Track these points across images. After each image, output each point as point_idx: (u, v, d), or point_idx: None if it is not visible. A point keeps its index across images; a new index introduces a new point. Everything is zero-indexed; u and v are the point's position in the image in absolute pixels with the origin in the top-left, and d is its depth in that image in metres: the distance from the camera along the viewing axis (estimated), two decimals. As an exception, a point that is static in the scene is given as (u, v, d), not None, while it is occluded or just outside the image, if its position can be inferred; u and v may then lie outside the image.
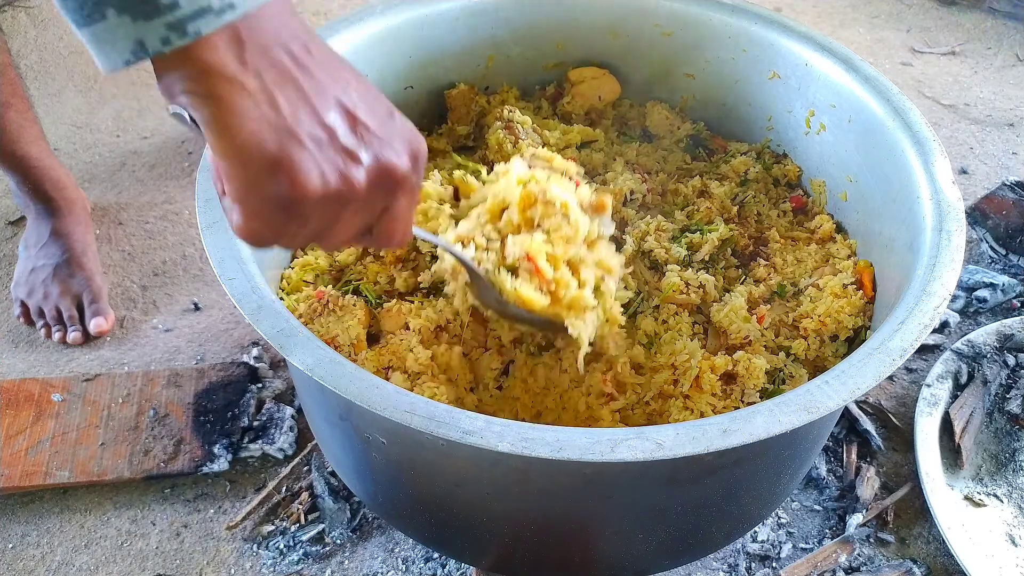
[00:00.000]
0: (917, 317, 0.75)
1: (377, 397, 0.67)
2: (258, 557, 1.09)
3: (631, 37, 1.16)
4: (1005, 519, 1.13)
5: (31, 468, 1.15)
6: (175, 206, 1.61)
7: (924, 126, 0.92)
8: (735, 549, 1.10)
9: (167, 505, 1.15)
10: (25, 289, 1.40)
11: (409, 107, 1.14)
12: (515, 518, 0.84)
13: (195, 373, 1.27)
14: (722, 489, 0.82)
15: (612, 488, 0.78)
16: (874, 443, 1.22)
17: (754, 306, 0.94)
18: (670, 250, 0.98)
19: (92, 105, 1.84)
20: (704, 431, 0.66)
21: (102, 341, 1.37)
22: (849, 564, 1.09)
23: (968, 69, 2.00)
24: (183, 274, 1.48)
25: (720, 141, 1.17)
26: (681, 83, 1.18)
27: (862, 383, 0.70)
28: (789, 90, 1.08)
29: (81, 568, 1.09)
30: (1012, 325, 1.31)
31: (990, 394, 1.24)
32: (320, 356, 0.70)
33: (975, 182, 1.67)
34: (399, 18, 1.07)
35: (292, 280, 0.95)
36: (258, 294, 0.75)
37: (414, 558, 1.09)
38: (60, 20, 2.04)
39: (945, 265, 0.79)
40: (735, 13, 1.09)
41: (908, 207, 0.88)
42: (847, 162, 1.02)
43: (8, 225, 1.57)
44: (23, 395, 1.23)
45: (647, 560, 0.91)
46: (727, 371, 0.87)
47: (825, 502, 1.16)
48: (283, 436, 1.19)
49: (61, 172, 1.47)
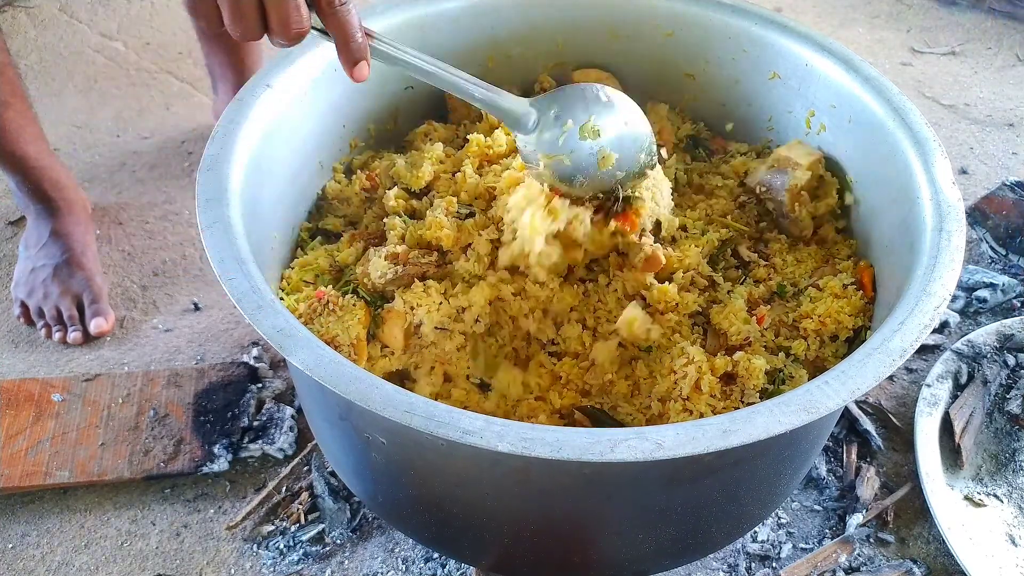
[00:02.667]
0: (917, 317, 0.75)
1: (377, 397, 0.67)
2: (258, 557, 1.09)
3: (631, 37, 1.16)
4: (1005, 519, 1.13)
5: (31, 468, 1.15)
6: (175, 206, 1.61)
7: (924, 126, 0.92)
8: (735, 549, 1.10)
9: (167, 505, 1.15)
10: (25, 289, 1.40)
11: (409, 107, 1.14)
12: (515, 518, 0.84)
13: (195, 373, 1.27)
14: (722, 489, 0.82)
15: (612, 488, 0.78)
16: (874, 443, 1.22)
17: (754, 306, 0.94)
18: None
19: (92, 105, 1.84)
20: (704, 431, 0.66)
21: (102, 341, 1.37)
22: (849, 564, 1.09)
23: (968, 69, 2.00)
24: (183, 274, 1.48)
25: (720, 141, 1.17)
26: (681, 83, 1.18)
27: (862, 383, 0.70)
28: (789, 90, 1.08)
29: (81, 568, 1.09)
30: (1012, 325, 1.31)
31: (990, 394, 1.24)
32: (320, 356, 0.70)
33: (975, 182, 1.67)
34: (399, 18, 1.07)
35: (292, 280, 0.95)
36: (258, 294, 0.75)
37: (414, 558, 1.09)
38: (60, 20, 2.04)
39: (945, 265, 0.79)
40: (735, 13, 1.09)
41: (908, 207, 0.88)
42: (847, 162, 1.02)
43: (8, 225, 1.57)
44: (23, 395, 1.23)
45: (647, 560, 0.91)
46: (727, 372, 0.87)
47: (825, 502, 1.16)
48: (283, 436, 1.19)
49: (61, 172, 1.47)
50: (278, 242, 0.92)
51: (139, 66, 1.95)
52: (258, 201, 0.87)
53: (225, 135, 0.88)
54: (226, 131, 0.89)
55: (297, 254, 1.00)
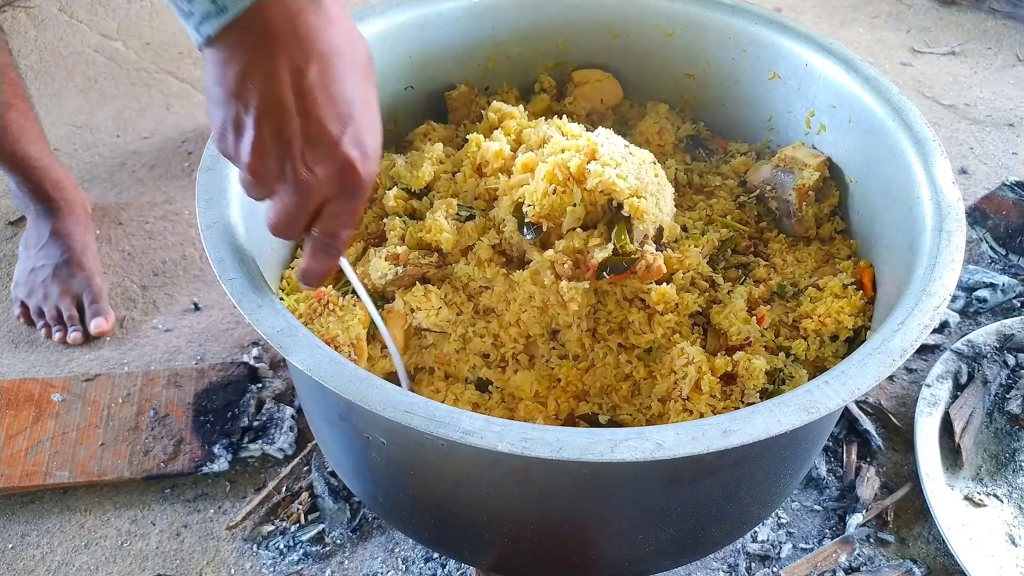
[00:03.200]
0: (917, 317, 0.75)
1: (377, 397, 0.67)
2: (258, 557, 1.09)
3: (631, 37, 1.16)
4: (1005, 519, 1.13)
5: (31, 468, 1.15)
6: (175, 206, 1.61)
7: (924, 126, 0.92)
8: (735, 549, 1.10)
9: (167, 505, 1.15)
10: (25, 289, 1.40)
11: (409, 107, 1.14)
12: (515, 518, 0.84)
13: (195, 373, 1.27)
14: (722, 489, 0.82)
15: (612, 488, 0.78)
16: (874, 443, 1.22)
17: (754, 306, 0.94)
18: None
19: (92, 105, 1.84)
20: (704, 431, 0.66)
21: (102, 341, 1.37)
22: (849, 564, 1.09)
23: (968, 69, 2.00)
24: (183, 274, 1.48)
25: (720, 141, 1.17)
26: (681, 83, 1.18)
27: (862, 383, 0.70)
28: (789, 90, 1.08)
29: (81, 568, 1.09)
30: (1012, 325, 1.31)
31: (990, 394, 1.24)
32: (320, 356, 0.70)
33: (975, 182, 1.67)
34: (399, 18, 1.07)
35: (292, 280, 0.95)
36: (258, 294, 0.75)
37: (414, 558, 1.09)
38: (60, 20, 2.04)
39: (945, 265, 0.79)
40: (735, 13, 1.09)
41: (908, 207, 0.88)
42: (847, 162, 1.02)
43: (8, 225, 1.57)
44: (23, 395, 1.23)
45: (647, 560, 0.91)
46: (727, 372, 0.87)
47: (825, 502, 1.16)
48: (283, 436, 1.19)
49: (61, 172, 1.47)
50: (278, 242, 0.92)
51: (139, 66, 1.95)
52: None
53: (225, 135, 0.88)
54: (226, 131, 0.89)
55: (297, 254, 1.00)
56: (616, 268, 0.89)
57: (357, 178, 0.66)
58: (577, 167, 0.89)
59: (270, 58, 0.61)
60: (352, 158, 0.65)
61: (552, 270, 0.89)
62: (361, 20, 1.04)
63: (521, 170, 0.94)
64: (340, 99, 0.64)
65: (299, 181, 0.65)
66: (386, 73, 1.09)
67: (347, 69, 0.64)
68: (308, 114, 0.63)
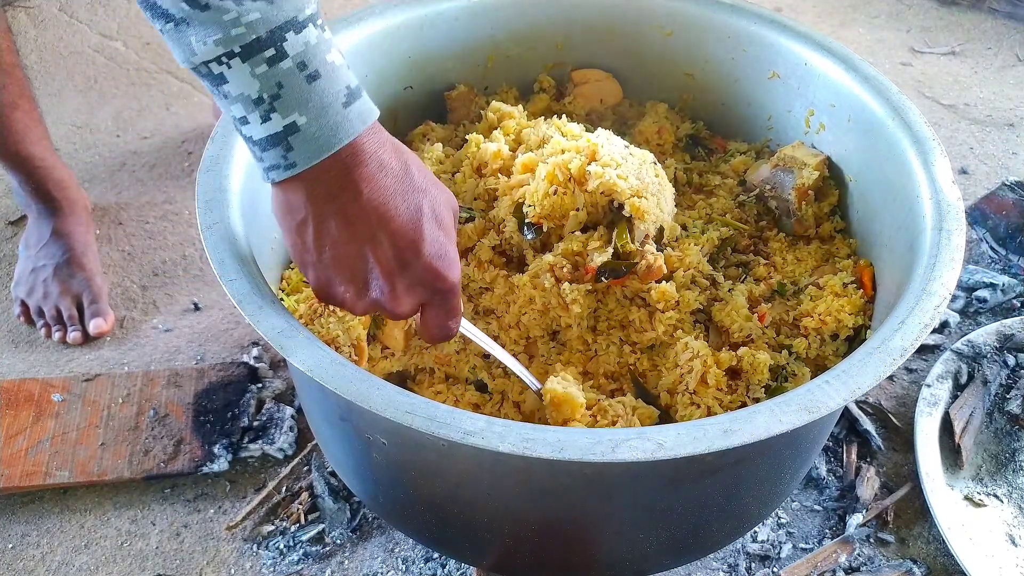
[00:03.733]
0: (917, 317, 0.75)
1: (377, 397, 0.67)
2: (258, 557, 1.09)
3: (631, 37, 1.16)
4: (1005, 519, 1.13)
5: (31, 468, 1.15)
6: (175, 206, 1.61)
7: (924, 126, 0.92)
8: (735, 549, 1.10)
9: (167, 505, 1.15)
10: (25, 289, 1.40)
11: (409, 107, 1.14)
12: (516, 518, 0.84)
13: (195, 373, 1.27)
14: (723, 489, 0.82)
15: (613, 488, 0.78)
16: (874, 443, 1.22)
17: (755, 305, 0.94)
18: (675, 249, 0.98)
19: (92, 105, 1.84)
20: (705, 431, 0.66)
21: (102, 341, 1.37)
22: (849, 564, 1.09)
23: (968, 69, 2.00)
24: (183, 274, 1.48)
25: (720, 141, 1.17)
26: (681, 83, 1.18)
27: (862, 383, 0.70)
28: (789, 90, 1.08)
29: (81, 568, 1.09)
30: (1012, 325, 1.31)
31: (990, 394, 1.24)
32: (320, 357, 0.70)
33: (975, 182, 1.67)
34: (399, 18, 1.07)
35: (292, 280, 0.95)
36: (259, 295, 0.75)
37: (414, 558, 1.09)
38: (60, 20, 2.04)
39: (945, 265, 0.79)
40: (735, 13, 1.09)
41: (908, 207, 0.88)
42: (847, 161, 1.02)
43: (8, 225, 1.57)
44: (23, 395, 1.23)
45: (648, 560, 0.91)
46: (731, 367, 0.87)
47: (825, 502, 1.16)
48: (283, 436, 1.19)
49: (64, 172, 1.47)
50: (278, 243, 0.92)
51: (139, 66, 1.95)
52: (258, 201, 0.87)
53: (225, 135, 0.88)
54: (226, 131, 0.89)
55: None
56: (616, 272, 0.89)
57: (445, 284, 0.71)
58: (578, 169, 0.89)
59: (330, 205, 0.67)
60: (437, 268, 0.70)
61: (552, 273, 0.89)
62: (361, 20, 1.04)
63: (521, 170, 0.94)
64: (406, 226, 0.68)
65: (387, 303, 0.71)
66: (386, 73, 1.09)
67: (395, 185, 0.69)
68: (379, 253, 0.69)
